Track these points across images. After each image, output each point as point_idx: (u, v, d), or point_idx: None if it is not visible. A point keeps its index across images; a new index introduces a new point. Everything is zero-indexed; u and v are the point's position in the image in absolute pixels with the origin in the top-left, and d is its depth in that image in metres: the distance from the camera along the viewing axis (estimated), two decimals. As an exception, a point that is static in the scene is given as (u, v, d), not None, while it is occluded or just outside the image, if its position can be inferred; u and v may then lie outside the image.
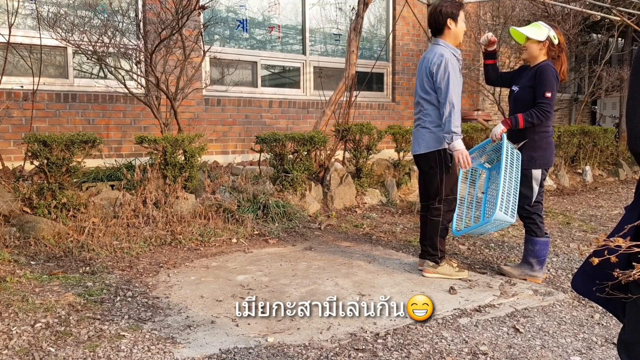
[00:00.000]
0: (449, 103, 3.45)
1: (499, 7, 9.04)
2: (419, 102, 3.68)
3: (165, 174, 4.94)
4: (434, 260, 3.73)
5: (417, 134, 3.71)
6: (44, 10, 5.74)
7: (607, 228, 5.47)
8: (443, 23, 3.56)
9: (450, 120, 3.45)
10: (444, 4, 3.57)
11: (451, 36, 3.59)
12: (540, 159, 3.66)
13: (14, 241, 4.08)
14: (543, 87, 3.56)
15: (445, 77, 3.45)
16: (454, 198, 3.73)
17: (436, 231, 3.70)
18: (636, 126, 1.37)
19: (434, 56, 3.53)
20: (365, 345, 2.70)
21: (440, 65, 3.47)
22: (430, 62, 3.54)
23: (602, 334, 2.92)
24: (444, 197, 3.65)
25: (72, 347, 2.59)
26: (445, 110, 3.46)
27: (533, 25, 3.73)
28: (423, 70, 3.61)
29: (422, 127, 3.65)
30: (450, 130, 3.46)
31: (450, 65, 3.46)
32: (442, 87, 3.47)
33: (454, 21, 3.56)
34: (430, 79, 3.54)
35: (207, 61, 6.82)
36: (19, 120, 5.66)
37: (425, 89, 3.59)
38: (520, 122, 3.57)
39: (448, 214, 3.72)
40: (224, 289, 3.45)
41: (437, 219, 3.69)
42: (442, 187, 3.63)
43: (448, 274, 3.72)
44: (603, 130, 8.74)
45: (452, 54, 3.54)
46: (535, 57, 3.69)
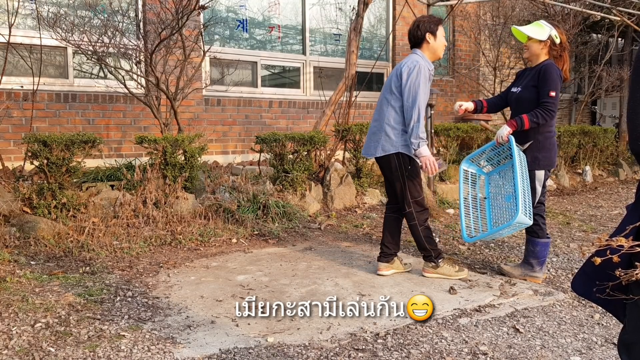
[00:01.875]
0: (417, 108, 3.44)
1: (499, 7, 9.04)
2: (381, 101, 3.66)
3: (165, 174, 4.94)
4: (432, 260, 3.72)
5: (372, 137, 3.68)
6: (44, 10, 5.74)
7: (607, 228, 5.47)
8: (422, 37, 3.59)
9: (418, 126, 3.43)
10: (423, 19, 3.64)
11: (430, 50, 3.61)
12: (544, 160, 3.64)
13: (14, 241, 4.08)
14: (547, 86, 3.53)
15: (417, 82, 3.45)
16: (422, 197, 3.70)
17: (418, 234, 3.68)
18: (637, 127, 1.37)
19: (408, 60, 3.56)
20: (365, 345, 2.70)
21: (413, 69, 3.47)
22: (403, 64, 3.56)
23: (602, 334, 2.92)
24: (412, 199, 3.63)
25: (72, 347, 2.59)
26: (414, 114, 3.44)
27: (535, 25, 3.71)
28: (394, 72, 3.62)
29: (379, 130, 3.62)
30: (418, 135, 3.44)
31: (422, 73, 3.47)
32: (411, 92, 3.45)
33: (433, 36, 3.58)
34: (399, 80, 3.53)
35: (207, 61, 6.82)
36: (19, 120, 5.66)
37: (391, 90, 3.58)
38: (525, 123, 3.52)
39: (422, 214, 3.68)
40: (224, 289, 3.45)
41: (414, 222, 3.66)
42: (406, 191, 3.61)
43: (448, 274, 3.71)
44: (603, 130, 8.75)
45: (427, 65, 3.55)
46: (536, 56, 3.67)
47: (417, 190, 3.66)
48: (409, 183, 3.61)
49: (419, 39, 3.61)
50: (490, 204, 3.86)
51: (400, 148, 3.56)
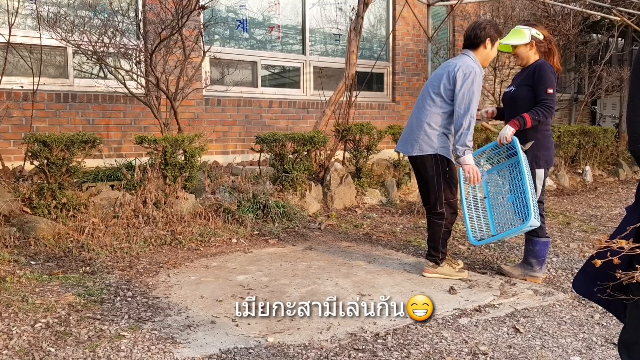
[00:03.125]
0: (470, 115, 3.39)
1: (499, 7, 9.03)
2: (425, 101, 3.58)
3: (165, 174, 4.94)
4: (435, 262, 3.71)
5: (410, 134, 3.62)
6: (44, 10, 5.73)
7: (607, 228, 5.47)
8: (481, 40, 3.53)
9: (467, 133, 3.39)
10: (488, 24, 3.57)
11: (482, 55, 3.57)
12: (544, 158, 3.66)
13: (14, 241, 4.08)
14: (543, 84, 3.56)
15: (471, 91, 3.39)
16: (455, 200, 3.67)
17: (439, 234, 3.67)
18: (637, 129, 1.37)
19: (463, 64, 3.46)
20: (365, 345, 2.70)
21: (469, 75, 3.41)
22: (457, 67, 3.45)
23: (602, 334, 2.92)
24: (445, 200, 3.61)
25: (72, 347, 2.59)
26: (465, 122, 3.39)
27: (513, 33, 3.76)
28: (445, 73, 3.51)
29: (418, 128, 3.57)
30: (465, 143, 3.41)
31: (477, 80, 3.42)
32: (465, 99, 3.39)
33: (492, 43, 3.55)
34: (452, 85, 3.45)
35: (207, 61, 6.82)
36: (19, 120, 5.66)
37: (439, 92, 3.51)
38: (528, 122, 3.53)
39: (452, 216, 3.68)
40: (224, 289, 3.45)
41: (441, 222, 3.65)
42: (441, 192, 3.59)
43: (448, 274, 3.71)
44: (603, 130, 8.75)
45: (481, 72, 3.52)
46: (528, 58, 3.73)
47: (452, 192, 3.65)
48: (445, 185, 3.59)
49: (478, 41, 3.54)
50: (490, 204, 3.86)
51: (439, 150, 3.53)
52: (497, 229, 3.73)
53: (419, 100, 3.66)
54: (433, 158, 3.54)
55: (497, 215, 3.80)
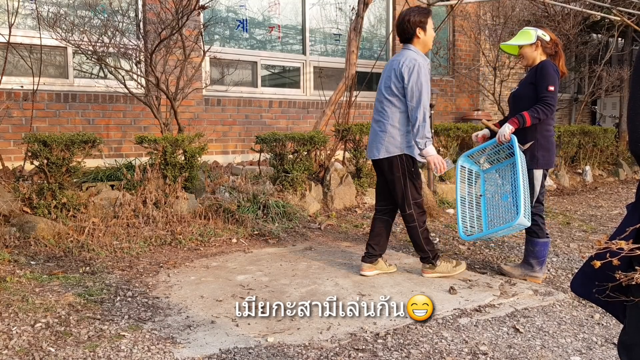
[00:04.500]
0: (422, 108, 3.39)
1: (499, 7, 9.03)
2: (381, 103, 3.58)
3: (165, 174, 4.94)
4: (429, 262, 3.71)
5: (375, 138, 3.61)
6: (44, 10, 5.74)
7: (607, 228, 5.47)
8: (412, 32, 3.51)
9: (424, 125, 3.39)
10: (411, 13, 3.53)
11: (421, 43, 3.55)
12: (542, 159, 3.65)
13: (14, 241, 4.08)
14: (545, 81, 3.56)
15: (419, 82, 3.39)
16: (422, 199, 3.68)
17: (418, 236, 3.65)
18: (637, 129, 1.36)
19: (406, 59, 3.46)
20: (365, 345, 2.70)
21: (413, 69, 3.40)
22: (401, 64, 3.46)
23: (602, 334, 2.92)
24: (412, 201, 3.60)
25: (72, 347, 2.59)
26: (419, 115, 3.39)
27: (520, 34, 3.76)
28: (391, 71, 3.52)
29: (382, 131, 3.55)
30: (424, 135, 3.40)
31: (423, 71, 3.41)
32: (415, 92, 3.40)
33: (423, 30, 3.52)
34: (400, 82, 3.46)
35: (207, 61, 6.82)
36: (19, 120, 5.66)
37: (391, 91, 3.51)
38: (527, 120, 3.53)
39: (422, 215, 3.66)
40: (224, 289, 3.45)
41: (414, 224, 3.63)
42: (407, 192, 3.57)
43: (446, 271, 3.72)
44: (603, 130, 8.75)
45: (424, 62, 3.49)
46: (534, 59, 3.72)
47: (418, 192, 3.64)
48: (411, 185, 3.58)
49: (409, 35, 3.53)
50: (485, 202, 3.86)
51: (405, 149, 3.53)
52: (489, 227, 3.74)
53: (376, 104, 3.66)
54: (399, 158, 3.53)
55: (490, 213, 3.80)
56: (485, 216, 3.81)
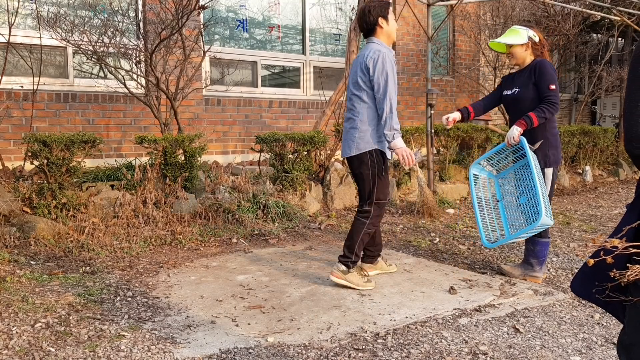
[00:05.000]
0: (389, 98, 3.30)
1: (499, 7, 9.04)
2: (350, 100, 3.50)
3: (165, 174, 4.94)
4: (346, 264, 3.49)
5: (346, 136, 3.52)
6: (44, 10, 5.74)
7: (607, 228, 5.47)
8: (374, 23, 3.44)
9: (391, 117, 3.31)
10: (372, 4, 3.46)
11: (384, 35, 3.47)
12: (553, 157, 3.66)
13: (14, 241, 4.08)
14: (546, 81, 3.57)
15: (384, 72, 3.31)
16: (385, 202, 3.55)
17: (359, 233, 3.49)
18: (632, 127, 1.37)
19: (370, 51, 3.39)
20: (365, 345, 2.70)
21: (378, 60, 3.32)
22: (366, 57, 3.38)
23: (602, 334, 2.92)
24: (376, 200, 3.49)
25: (72, 347, 2.59)
26: (385, 107, 3.31)
27: (510, 32, 3.76)
28: (358, 66, 3.44)
29: (353, 128, 3.46)
30: (392, 126, 3.31)
31: (388, 61, 3.33)
32: (381, 83, 3.31)
33: (385, 20, 3.44)
34: (366, 74, 3.37)
35: (207, 61, 6.82)
36: (19, 120, 5.66)
37: (359, 86, 3.42)
38: (534, 121, 3.52)
39: (377, 219, 3.54)
40: (224, 289, 3.45)
41: (365, 221, 3.50)
42: (374, 190, 3.47)
43: (356, 283, 3.50)
44: (603, 130, 8.75)
45: (388, 52, 3.40)
46: (523, 59, 3.73)
47: (384, 192, 3.53)
48: (379, 182, 3.48)
49: (371, 25, 3.45)
50: (503, 207, 3.84)
51: (377, 144, 3.44)
52: (511, 232, 3.69)
53: (347, 103, 3.59)
54: (369, 154, 3.43)
55: (510, 217, 3.77)
56: (506, 221, 3.77)
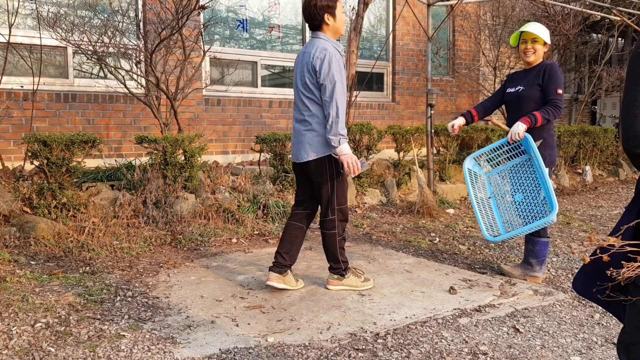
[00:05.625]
0: (335, 102, 3.10)
1: (499, 7, 9.04)
2: (302, 101, 3.26)
3: (165, 174, 4.94)
4: (339, 274, 3.44)
5: (301, 138, 3.28)
6: (44, 10, 5.74)
7: (607, 228, 5.47)
8: (320, 18, 3.20)
9: (337, 121, 3.11)
10: None
11: (331, 30, 3.25)
12: (549, 157, 3.68)
13: (14, 241, 4.08)
14: (554, 84, 3.60)
15: (330, 74, 3.10)
16: (347, 207, 3.40)
17: (335, 244, 3.37)
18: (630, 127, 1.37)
19: (315, 50, 3.16)
20: (365, 345, 2.70)
21: (324, 60, 3.11)
22: (312, 56, 3.16)
23: (602, 334, 2.92)
24: (337, 206, 3.32)
25: (72, 347, 2.59)
26: (332, 110, 3.11)
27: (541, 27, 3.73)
28: (304, 65, 3.22)
29: (309, 131, 3.23)
30: (338, 132, 3.12)
31: (334, 60, 3.12)
32: (328, 86, 3.11)
33: (332, 16, 3.21)
34: (314, 76, 3.16)
35: (207, 61, 6.82)
36: (19, 120, 5.66)
37: (308, 87, 3.20)
38: (539, 119, 3.54)
39: (342, 223, 3.38)
40: (224, 289, 3.45)
41: (334, 231, 3.35)
42: (334, 196, 3.30)
43: (354, 285, 3.46)
44: (603, 130, 8.75)
45: (335, 48, 3.20)
46: (539, 57, 3.77)
47: (344, 196, 3.37)
48: (338, 188, 3.31)
49: (317, 21, 3.22)
50: (495, 203, 3.84)
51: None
52: (505, 228, 3.69)
53: (296, 102, 3.36)
54: (327, 159, 3.24)
55: (503, 214, 3.77)
56: (499, 217, 3.78)
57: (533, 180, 3.61)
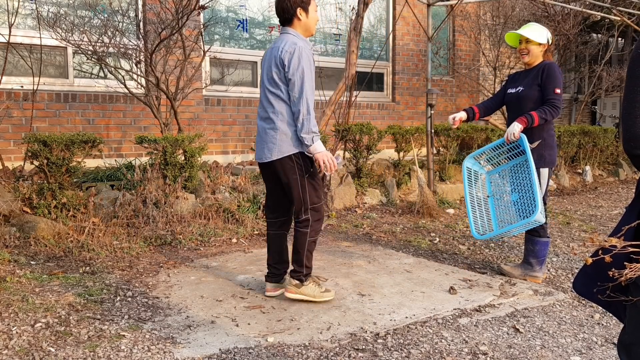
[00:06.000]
0: (305, 98, 2.99)
1: (499, 7, 9.04)
2: (267, 98, 3.14)
3: (165, 174, 4.94)
4: (299, 279, 3.21)
5: (264, 137, 3.14)
6: (44, 10, 5.74)
7: (607, 228, 5.47)
8: (292, 13, 3.10)
9: (309, 118, 2.99)
10: None
11: (302, 27, 3.14)
12: (549, 157, 3.68)
13: (14, 241, 4.08)
14: (552, 84, 3.58)
15: (300, 69, 2.98)
16: (322, 205, 3.23)
17: (304, 245, 3.17)
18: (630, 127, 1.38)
19: (285, 44, 3.04)
20: (365, 345, 2.70)
21: (294, 54, 2.99)
22: (281, 50, 3.03)
23: (602, 334, 2.92)
24: (310, 205, 3.15)
25: (72, 347, 2.59)
26: (302, 107, 2.99)
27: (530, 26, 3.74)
28: (272, 60, 3.10)
29: (272, 129, 3.10)
30: (310, 129, 3.00)
31: (304, 56, 3.00)
32: (296, 81, 2.99)
33: (305, 11, 3.10)
34: (281, 70, 3.03)
35: (207, 61, 6.82)
36: (19, 120, 5.66)
37: (275, 82, 3.08)
38: (535, 120, 3.53)
39: (317, 223, 3.21)
40: (224, 289, 3.45)
41: (306, 230, 3.17)
42: (306, 195, 3.14)
43: (312, 295, 3.21)
44: (603, 130, 8.75)
45: (306, 46, 3.08)
46: (535, 58, 3.74)
47: (318, 195, 3.20)
48: (310, 187, 3.15)
49: (289, 15, 3.11)
50: (493, 203, 3.85)
51: (300, 147, 3.11)
52: (499, 227, 3.72)
53: (261, 99, 3.24)
54: (295, 157, 3.10)
55: (499, 213, 3.79)
56: (495, 217, 3.79)
57: (529, 180, 3.62)
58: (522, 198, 3.60)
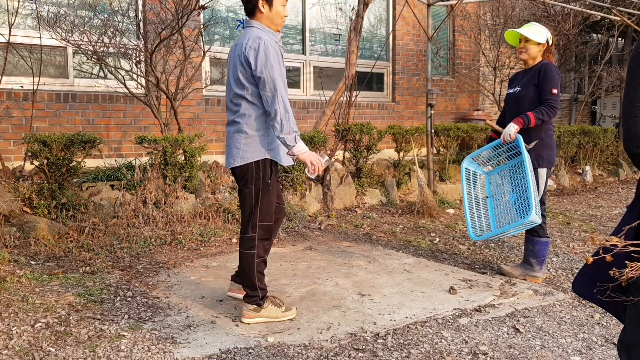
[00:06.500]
0: (280, 96, 2.74)
1: (499, 7, 9.04)
2: (233, 100, 2.89)
3: (165, 174, 4.94)
4: (256, 303, 2.93)
5: (230, 142, 2.90)
6: (44, 10, 5.74)
7: (607, 228, 5.47)
8: (254, 4, 2.85)
9: (288, 117, 2.74)
10: None
11: (266, 19, 2.88)
12: (547, 158, 3.67)
13: (14, 241, 4.08)
14: (549, 84, 3.58)
15: (268, 64, 2.73)
16: (271, 225, 2.95)
17: (253, 267, 2.89)
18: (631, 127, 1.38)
19: (248, 40, 2.79)
20: (365, 345, 2.70)
21: (259, 49, 2.74)
22: (244, 47, 2.78)
23: (602, 334, 2.92)
24: (259, 222, 2.88)
25: (72, 347, 2.59)
26: (278, 106, 2.73)
27: (530, 26, 3.74)
28: (236, 58, 2.86)
29: (238, 133, 2.85)
30: (291, 129, 2.73)
31: (271, 50, 2.76)
32: (266, 78, 2.74)
33: (267, 3, 2.84)
34: (247, 69, 2.79)
35: (207, 61, 6.82)
36: (19, 120, 5.66)
37: (241, 83, 2.83)
38: (532, 120, 3.53)
39: (265, 243, 2.94)
40: (224, 289, 3.45)
41: (252, 251, 2.88)
42: (256, 210, 2.86)
43: (274, 316, 2.96)
44: (603, 130, 8.75)
45: (271, 39, 2.84)
46: (535, 57, 3.73)
47: (269, 212, 2.91)
48: (263, 201, 2.87)
49: (250, 5, 2.87)
50: (492, 203, 3.86)
51: (267, 153, 2.86)
52: (497, 227, 3.72)
53: (227, 102, 2.98)
54: (256, 166, 2.84)
55: (498, 214, 3.79)
56: (493, 217, 3.79)
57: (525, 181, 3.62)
58: (520, 199, 3.61)
